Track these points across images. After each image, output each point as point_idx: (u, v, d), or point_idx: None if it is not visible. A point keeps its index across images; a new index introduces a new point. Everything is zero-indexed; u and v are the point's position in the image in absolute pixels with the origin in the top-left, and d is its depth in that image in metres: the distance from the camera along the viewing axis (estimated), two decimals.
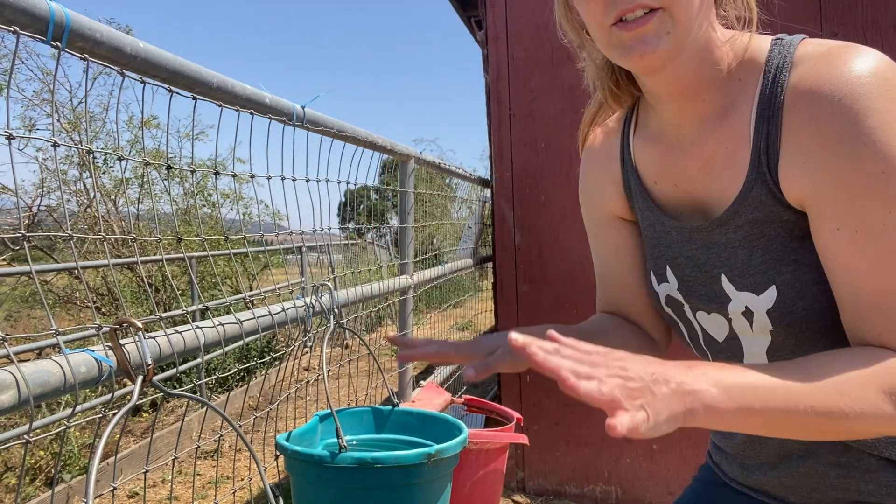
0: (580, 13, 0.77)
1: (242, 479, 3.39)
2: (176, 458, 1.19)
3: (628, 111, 0.96)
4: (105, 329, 0.91)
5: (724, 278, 0.82)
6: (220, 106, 1.24)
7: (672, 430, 0.57)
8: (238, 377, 5.76)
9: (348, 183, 1.86)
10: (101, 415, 1.06)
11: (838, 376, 0.64)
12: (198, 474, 4.02)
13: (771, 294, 0.78)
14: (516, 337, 0.59)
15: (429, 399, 2.13)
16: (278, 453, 1.09)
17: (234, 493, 1.51)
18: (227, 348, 1.20)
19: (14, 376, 0.77)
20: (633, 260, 0.99)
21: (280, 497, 1.07)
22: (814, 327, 0.77)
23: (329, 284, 1.49)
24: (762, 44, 0.76)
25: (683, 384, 0.58)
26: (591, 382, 0.56)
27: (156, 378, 0.91)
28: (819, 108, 0.68)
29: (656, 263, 0.93)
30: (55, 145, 0.92)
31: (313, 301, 1.48)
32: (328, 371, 1.14)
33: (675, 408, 0.57)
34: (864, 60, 0.66)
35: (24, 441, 0.88)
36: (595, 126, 1.00)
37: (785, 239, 0.75)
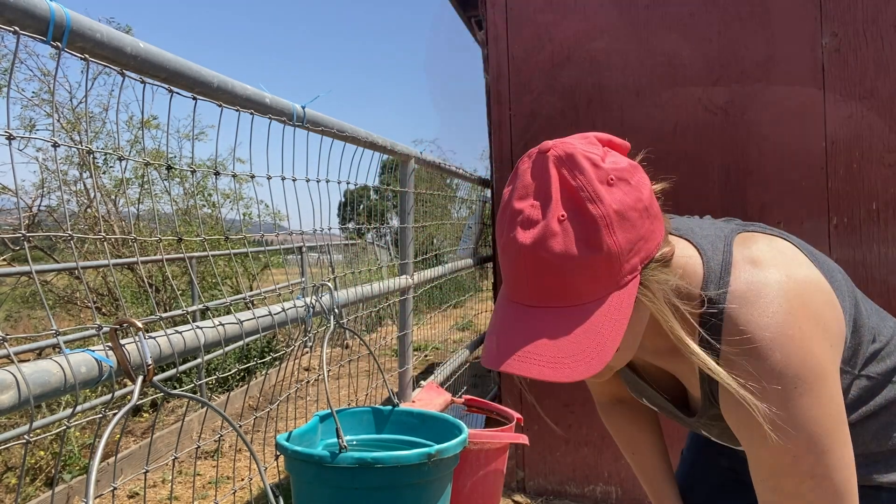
0: None
1: (242, 479, 3.39)
2: (176, 458, 1.19)
3: None
4: (105, 329, 0.91)
5: (702, 431, 0.97)
6: (220, 106, 1.24)
7: None
8: (238, 377, 5.76)
9: (348, 183, 1.86)
10: (101, 415, 1.06)
11: None
12: (198, 474, 4.02)
13: None
14: None
15: (429, 399, 2.13)
16: (278, 453, 1.09)
17: (234, 493, 1.51)
18: (227, 348, 1.20)
19: (14, 376, 0.77)
20: None
21: (280, 497, 1.07)
22: None
23: (329, 284, 1.49)
24: (691, 279, 0.82)
25: None
26: None
27: (156, 378, 0.91)
28: (738, 403, 0.76)
29: (632, 392, 1.08)
30: (55, 145, 0.92)
31: (313, 301, 1.48)
32: (328, 371, 1.14)
33: None
34: (778, 344, 0.74)
35: (24, 441, 0.88)
36: None
37: None
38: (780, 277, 0.78)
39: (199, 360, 1.15)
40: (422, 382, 2.40)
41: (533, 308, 0.74)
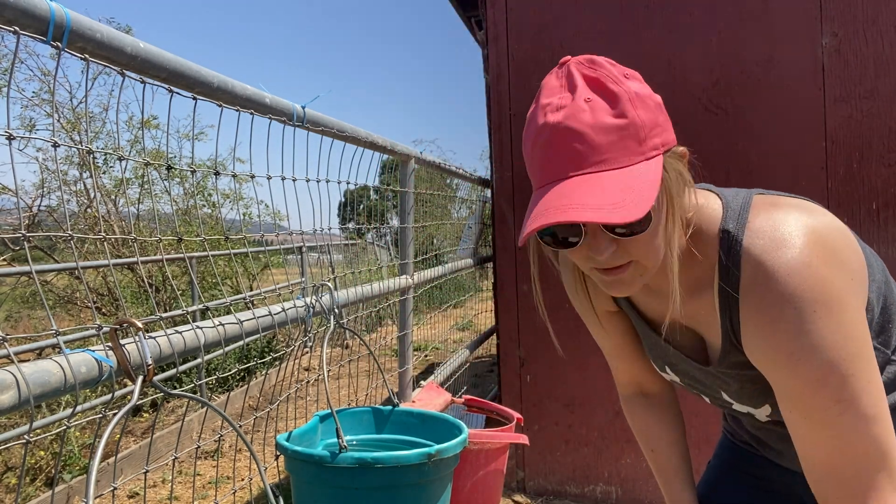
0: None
1: (242, 479, 3.39)
2: (176, 458, 1.19)
3: None
4: (105, 329, 0.91)
5: (723, 394, 0.98)
6: (220, 106, 1.24)
7: None
8: (238, 377, 5.76)
9: (348, 183, 1.85)
10: (101, 415, 1.06)
11: None
12: (198, 474, 4.02)
13: (766, 409, 0.93)
14: None
15: (429, 399, 2.13)
16: (278, 453, 1.09)
17: (234, 493, 1.51)
18: (227, 348, 1.20)
19: (14, 376, 0.77)
20: (635, 337, 1.13)
21: (280, 497, 1.07)
22: None
23: (329, 284, 1.49)
24: (708, 222, 0.85)
25: None
26: None
27: (156, 378, 0.91)
28: (761, 323, 0.79)
29: (655, 362, 1.07)
30: (55, 145, 0.92)
31: (313, 301, 1.48)
32: (328, 371, 1.14)
33: None
34: (790, 274, 0.76)
35: (24, 441, 0.88)
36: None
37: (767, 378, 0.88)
38: (799, 215, 0.81)
39: (199, 360, 1.15)
40: (422, 382, 2.40)
41: (566, 179, 0.75)
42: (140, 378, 0.90)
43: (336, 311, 1.47)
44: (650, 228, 0.77)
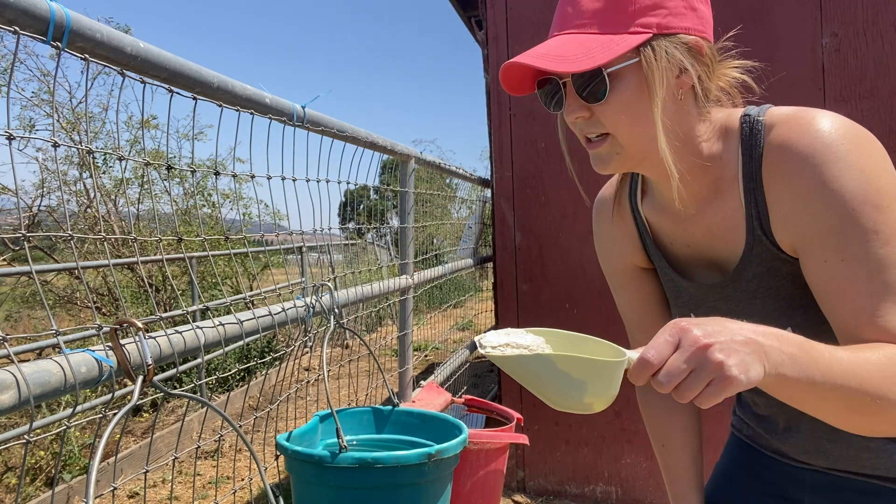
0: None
1: (243, 479, 3.39)
2: (176, 458, 1.18)
3: (630, 181, 1.07)
4: (105, 329, 0.91)
5: (743, 315, 0.94)
6: (220, 106, 1.24)
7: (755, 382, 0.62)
8: (238, 377, 5.76)
9: (348, 183, 1.85)
10: (101, 415, 1.06)
11: (885, 364, 0.69)
12: (198, 474, 4.02)
13: None
14: None
15: (429, 399, 2.13)
16: (278, 453, 1.09)
17: (234, 493, 1.51)
18: (227, 348, 1.20)
19: (14, 376, 0.77)
20: (660, 305, 1.10)
21: (280, 497, 1.07)
22: None
23: (329, 284, 1.49)
24: (732, 118, 0.88)
25: (763, 347, 0.63)
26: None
27: (156, 378, 0.91)
28: (789, 168, 0.79)
29: (681, 312, 1.04)
30: (55, 145, 0.92)
31: (313, 301, 1.48)
32: (328, 371, 1.14)
33: (757, 365, 0.62)
34: (818, 122, 0.78)
35: (24, 441, 0.88)
36: (620, 198, 1.09)
37: (790, 288, 0.87)
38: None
39: (199, 360, 1.15)
40: (422, 382, 2.40)
41: (555, 36, 0.83)
42: (140, 378, 0.90)
43: (336, 311, 1.47)
44: (614, 98, 0.80)
